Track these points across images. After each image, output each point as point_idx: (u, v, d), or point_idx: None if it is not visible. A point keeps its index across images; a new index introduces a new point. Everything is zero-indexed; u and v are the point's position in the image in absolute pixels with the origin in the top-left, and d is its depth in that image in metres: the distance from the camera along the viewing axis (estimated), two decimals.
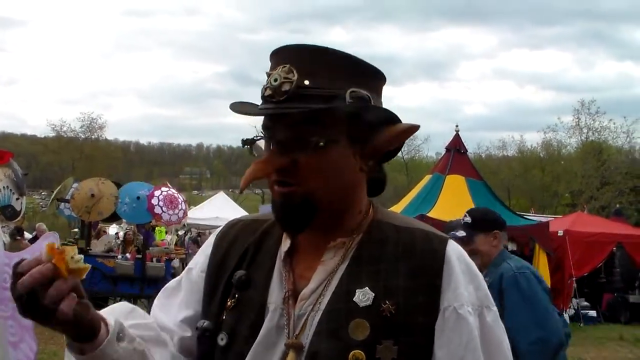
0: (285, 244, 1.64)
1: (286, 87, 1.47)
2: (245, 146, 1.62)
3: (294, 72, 1.48)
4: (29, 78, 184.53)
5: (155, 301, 1.75)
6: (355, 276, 1.54)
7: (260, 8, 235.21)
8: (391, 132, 1.55)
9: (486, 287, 1.59)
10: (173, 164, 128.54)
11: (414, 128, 1.57)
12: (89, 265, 1.35)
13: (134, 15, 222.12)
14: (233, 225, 1.77)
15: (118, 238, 26.32)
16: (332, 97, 1.48)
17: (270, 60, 1.57)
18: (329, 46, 1.54)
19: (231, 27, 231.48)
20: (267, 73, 1.53)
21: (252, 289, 1.61)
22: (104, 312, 1.52)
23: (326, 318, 1.51)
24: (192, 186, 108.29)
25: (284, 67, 1.49)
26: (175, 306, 1.70)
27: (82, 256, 1.36)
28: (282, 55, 1.53)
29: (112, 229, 25.85)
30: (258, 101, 1.55)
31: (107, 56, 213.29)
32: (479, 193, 17.34)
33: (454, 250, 1.57)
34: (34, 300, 1.28)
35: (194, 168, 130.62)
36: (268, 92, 1.49)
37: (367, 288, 1.51)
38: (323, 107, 1.48)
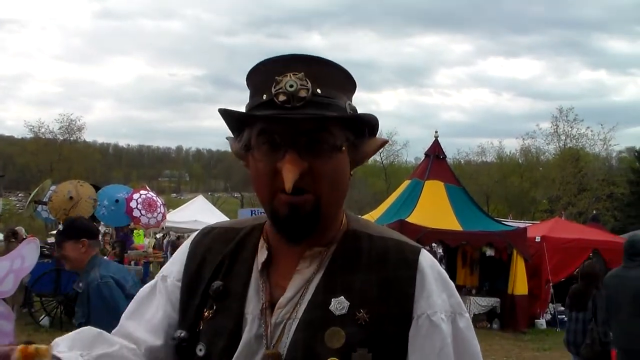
0: (262, 253, 1.65)
1: (303, 93, 1.46)
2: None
3: (307, 80, 1.48)
4: (5, 78, 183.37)
5: (127, 308, 1.75)
6: (330, 285, 1.55)
7: (237, 12, 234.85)
8: (377, 143, 1.61)
9: (458, 294, 1.61)
10: (152, 166, 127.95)
11: (385, 142, 1.66)
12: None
13: (110, 17, 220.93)
14: (206, 233, 1.77)
15: None
16: (340, 107, 1.51)
17: (269, 66, 1.55)
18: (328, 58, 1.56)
19: (209, 30, 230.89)
20: (276, 78, 1.49)
21: (230, 299, 1.61)
22: (67, 339, 1.54)
23: (303, 327, 1.53)
24: (171, 189, 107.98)
25: (296, 74, 1.48)
26: (148, 315, 1.70)
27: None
28: (292, 63, 1.52)
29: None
30: (237, 106, 1.54)
31: (84, 58, 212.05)
32: (458, 199, 17.46)
33: (427, 260, 1.60)
34: None
35: (173, 171, 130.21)
36: (282, 97, 1.47)
37: (342, 297, 1.53)
38: (347, 116, 1.53)
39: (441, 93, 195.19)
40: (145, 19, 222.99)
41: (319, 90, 1.48)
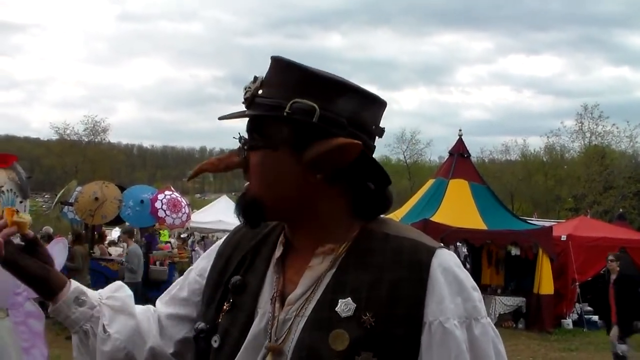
0: (279, 249, 1.68)
1: (247, 95, 1.59)
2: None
3: (258, 82, 1.59)
4: (31, 82, 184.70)
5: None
6: (340, 285, 1.55)
7: (256, 13, 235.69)
8: (322, 146, 1.53)
9: (477, 298, 1.56)
10: (176, 167, 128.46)
11: (352, 145, 1.53)
12: (29, 219, 1.67)
13: (131, 20, 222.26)
14: (237, 231, 1.82)
15: (120, 241, 26.39)
16: (274, 106, 1.54)
17: None
18: (285, 57, 1.60)
19: (228, 31, 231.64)
20: None
21: (246, 294, 1.65)
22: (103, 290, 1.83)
23: (309, 326, 1.53)
24: (195, 189, 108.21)
25: (257, 77, 1.61)
26: (169, 300, 1.85)
27: (29, 217, 1.70)
28: (269, 68, 1.62)
29: (115, 232, 25.86)
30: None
31: (106, 61, 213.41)
32: (482, 197, 17.35)
33: (441, 261, 1.55)
34: None
35: None
36: (243, 100, 1.61)
37: (349, 298, 1.52)
38: (247, 115, 1.60)
39: (462, 91, 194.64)
40: (166, 21, 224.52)
41: (260, 91, 1.58)
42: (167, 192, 13.75)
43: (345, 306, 1.51)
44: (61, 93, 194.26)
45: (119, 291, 1.83)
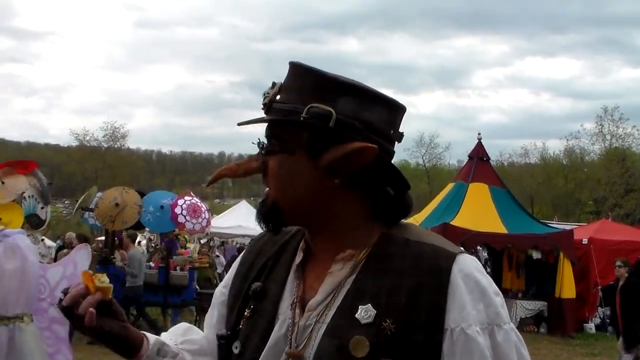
0: (299, 255, 1.68)
1: (266, 100, 1.60)
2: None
3: (276, 87, 1.60)
4: (50, 88, 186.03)
5: None
6: (360, 291, 1.54)
7: (273, 18, 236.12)
8: (338, 150, 1.53)
9: (500, 304, 1.54)
10: (195, 172, 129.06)
11: (368, 149, 1.52)
12: (111, 285, 1.62)
13: (148, 27, 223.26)
14: (260, 238, 1.84)
15: (139, 246, 26.47)
16: (290, 111, 1.55)
17: None
18: (303, 62, 1.61)
19: (245, 37, 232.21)
20: None
21: (266, 300, 1.66)
22: (163, 334, 1.82)
23: (329, 332, 1.53)
24: (214, 195, 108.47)
25: (276, 83, 1.61)
26: (209, 324, 1.85)
27: (107, 279, 1.63)
28: (287, 74, 1.63)
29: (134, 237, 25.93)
30: None
31: (124, 67, 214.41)
32: (503, 201, 17.29)
33: (462, 267, 1.53)
34: (72, 311, 1.55)
35: None
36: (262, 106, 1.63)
37: (369, 305, 1.51)
38: (264, 119, 1.60)
39: (479, 95, 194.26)
40: (182, 27, 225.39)
41: (278, 97, 1.59)
42: (186, 198, 13.79)
43: (365, 312, 1.50)
44: (80, 100, 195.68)
45: (191, 334, 1.84)
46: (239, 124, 1.66)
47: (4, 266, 2.60)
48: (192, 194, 14.84)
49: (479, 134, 18.79)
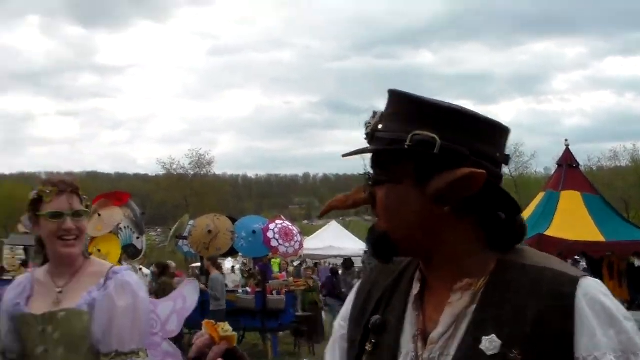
0: (416, 286, 1.65)
1: (368, 130, 1.59)
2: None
3: (377, 116, 1.59)
4: (133, 120, 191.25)
5: None
6: (482, 321, 1.50)
7: (344, 36, 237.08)
8: (446, 177, 1.48)
9: (632, 330, 1.45)
10: (281, 195, 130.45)
11: (476, 175, 1.47)
12: (235, 334, 1.64)
13: (222, 54, 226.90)
14: (374, 268, 1.82)
15: (233, 272, 26.78)
16: (394, 140, 1.53)
17: None
18: (401, 90, 1.60)
19: (318, 57, 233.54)
20: None
21: (387, 333, 1.63)
22: None
23: None
24: (302, 216, 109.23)
25: (377, 112, 1.60)
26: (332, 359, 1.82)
27: (230, 328, 1.66)
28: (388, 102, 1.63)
29: (228, 263, 26.29)
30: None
31: (202, 95, 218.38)
32: (597, 208, 16.82)
33: (586, 291, 1.46)
34: None
35: (302, 198, 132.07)
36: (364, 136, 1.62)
37: (493, 335, 1.46)
38: (368, 150, 1.59)
39: (561, 99, 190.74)
40: (256, 52, 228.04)
41: (380, 126, 1.57)
42: (277, 222, 13.87)
43: (490, 344, 1.45)
44: (163, 129, 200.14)
45: None
46: (344, 156, 1.64)
47: (116, 303, 2.64)
48: (282, 217, 14.92)
49: (566, 140, 18.35)
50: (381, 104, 1.62)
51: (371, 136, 1.58)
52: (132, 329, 2.68)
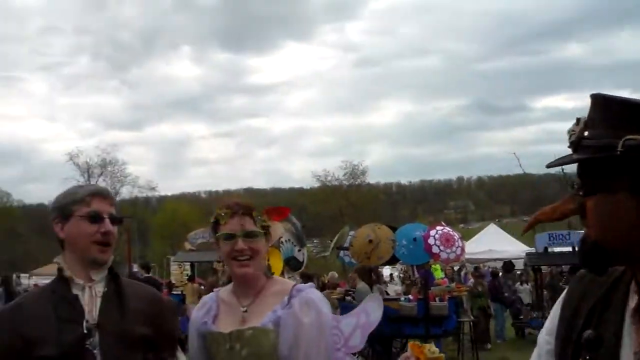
0: (632, 298, 1.54)
1: (572, 138, 1.51)
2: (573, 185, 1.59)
3: (582, 123, 1.51)
4: (286, 136, 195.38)
5: None
6: None
7: (488, 36, 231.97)
8: None
9: None
10: (436, 200, 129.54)
11: None
12: (443, 355, 1.66)
13: (368, 65, 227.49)
14: (580, 279, 1.71)
15: (393, 279, 26.82)
16: (603, 147, 1.43)
17: None
18: (602, 93, 1.51)
19: (464, 59, 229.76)
20: None
21: (603, 349, 1.52)
22: None
23: None
24: (458, 220, 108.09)
25: (580, 119, 1.53)
26: None
27: (437, 349, 1.60)
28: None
29: (386, 270, 26.33)
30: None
31: (350, 107, 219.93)
32: None
33: None
34: None
35: (457, 202, 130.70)
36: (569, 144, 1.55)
37: None
38: (576, 159, 1.50)
39: None
40: (401, 60, 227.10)
41: (585, 133, 1.49)
42: (438, 228, 13.74)
43: None
44: (315, 143, 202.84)
45: None
46: (548, 166, 1.59)
47: (302, 320, 2.68)
48: (443, 223, 14.79)
49: None
50: (531, 102, 1.54)
51: (576, 144, 1.51)
52: (318, 345, 2.71)
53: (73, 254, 2.81)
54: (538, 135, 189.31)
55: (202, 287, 17.64)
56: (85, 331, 2.64)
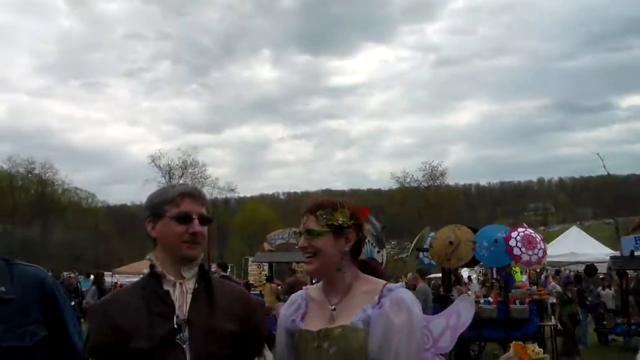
0: None
1: None
2: None
3: None
4: (364, 137, 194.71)
5: None
6: None
7: (571, 33, 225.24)
8: None
9: None
10: (515, 202, 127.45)
11: None
12: (547, 355, 1.50)
13: (447, 65, 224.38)
14: None
15: (471, 281, 26.53)
16: None
17: None
18: None
19: (546, 58, 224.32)
20: None
21: None
22: None
23: None
24: (538, 222, 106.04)
25: None
26: None
27: (540, 349, 1.56)
28: None
29: (464, 273, 26.06)
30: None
31: (430, 107, 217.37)
32: None
33: None
34: None
35: (537, 204, 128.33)
36: None
37: None
38: None
39: None
40: (481, 60, 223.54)
41: None
42: (520, 230, 13.53)
43: None
44: (393, 144, 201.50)
45: None
46: None
47: (392, 320, 2.66)
48: (525, 225, 14.52)
49: None
50: (616, 101, 1.43)
51: None
52: (408, 346, 2.68)
53: (164, 251, 2.88)
54: (623, 135, 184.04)
55: (280, 288, 17.77)
56: (175, 326, 2.70)
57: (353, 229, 3.00)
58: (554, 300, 17.61)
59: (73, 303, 20.27)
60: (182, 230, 2.82)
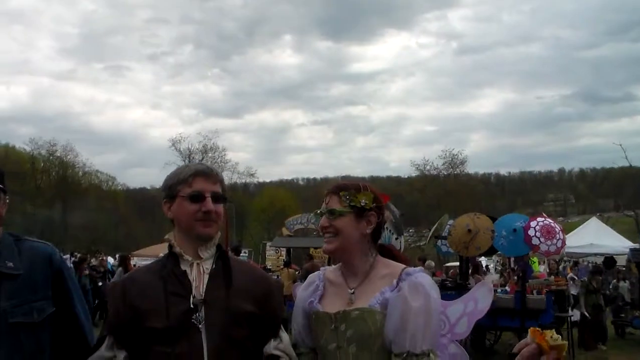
0: None
1: None
2: None
3: None
4: (385, 124, 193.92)
5: None
6: None
7: (596, 22, 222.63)
8: None
9: None
10: (535, 192, 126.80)
11: None
12: (566, 342, 1.61)
13: (469, 52, 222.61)
14: None
15: (488, 270, 26.43)
16: None
17: None
18: None
19: (569, 47, 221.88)
20: None
21: None
22: None
23: None
24: (557, 213, 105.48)
25: None
26: None
27: (559, 335, 1.55)
28: None
29: (482, 261, 25.98)
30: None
31: (451, 95, 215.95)
32: None
33: None
34: None
35: (557, 194, 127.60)
36: None
37: None
38: None
39: None
40: (504, 48, 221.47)
41: None
42: (539, 219, 13.46)
43: None
44: (414, 131, 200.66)
45: None
46: None
47: (410, 304, 2.67)
48: (544, 215, 14.45)
49: None
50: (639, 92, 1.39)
51: None
52: (425, 329, 2.68)
53: (181, 232, 2.91)
54: None
55: (297, 273, 17.81)
56: (192, 306, 2.73)
57: (375, 211, 3.00)
58: (573, 292, 17.50)
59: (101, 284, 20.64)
60: (195, 209, 2.85)
